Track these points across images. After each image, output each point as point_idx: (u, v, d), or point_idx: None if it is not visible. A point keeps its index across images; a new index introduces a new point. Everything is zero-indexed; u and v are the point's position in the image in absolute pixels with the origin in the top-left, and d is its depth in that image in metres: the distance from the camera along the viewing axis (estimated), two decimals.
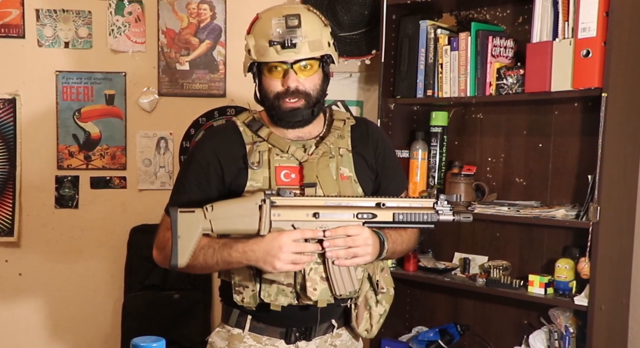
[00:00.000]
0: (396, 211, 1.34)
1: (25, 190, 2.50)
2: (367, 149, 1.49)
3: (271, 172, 1.39)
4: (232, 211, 1.31)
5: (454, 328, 2.21)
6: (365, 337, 1.52)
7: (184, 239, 1.29)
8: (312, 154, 1.41)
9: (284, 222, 1.32)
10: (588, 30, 1.82)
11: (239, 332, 1.46)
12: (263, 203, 1.30)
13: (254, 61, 1.40)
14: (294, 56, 1.36)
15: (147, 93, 2.54)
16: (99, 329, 2.56)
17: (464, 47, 2.12)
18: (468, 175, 2.18)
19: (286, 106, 1.39)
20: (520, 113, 2.17)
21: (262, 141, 1.42)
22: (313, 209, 1.32)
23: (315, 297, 1.36)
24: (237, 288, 1.40)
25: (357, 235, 1.32)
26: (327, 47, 1.40)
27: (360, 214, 1.33)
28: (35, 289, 2.53)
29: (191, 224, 1.30)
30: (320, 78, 1.41)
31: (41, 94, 2.49)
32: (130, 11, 2.50)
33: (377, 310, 1.48)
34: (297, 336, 1.45)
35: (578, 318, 1.95)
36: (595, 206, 1.81)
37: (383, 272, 1.49)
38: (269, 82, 1.40)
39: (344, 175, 1.44)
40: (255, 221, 1.30)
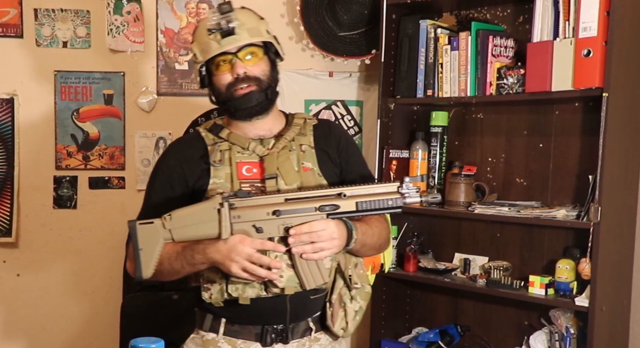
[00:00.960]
0: (359, 200, 1.32)
1: (24, 190, 2.48)
2: (330, 146, 1.50)
3: (233, 168, 1.41)
4: (191, 219, 1.30)
5: (454, 329, 2.21)
6: (342, 336, 1.49)
7: (147, 251, 1.30)
8: (272, 149, 1.43)
9: (245, 223, 1.31)
10: (589, 29, 1.82)
11: (214, 337, 1.44)
12: (221, 206, 1.30)
13: (202, 64, 1.43)
14: (234, 43, 1.39)
15: (145, 93, 2.53)
16: (97, 330, 2.55)
17: (464, 47, 2.11)
18: (468, 175, 2.18)
19: (239, 93, 1.41)
20: (521, 113, 2.17)
21: (223, 141, 1.45)
22: (273, 207, 1.31)
23: (282, 284, 1.35)
24: (205, 285, 1.39)
25: (322, 230, 1.31)
26: (267, 35, 1.43)
27: (322, 207, 1.32)
28: (34, 290, 2.52)
29: (151, 235, 1.30)
30: (267, 65, 1.44)
31: (39, 94, 2.48)
32: (129, 11, 2.49)
33: (352, 307, 1.46)
34: (273, 338, 1.42)
35: (579, 319, 1.95)
36: (596, 206, 1.80)
37: (357, 268, 1.48)
38: (219, 78, 1.43)
39: (307, 167, 1.44)
40: (215, 226, 1.30)
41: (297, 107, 2.50)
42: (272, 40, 1.44)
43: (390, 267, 2.24)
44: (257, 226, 1.31)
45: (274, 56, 1.46)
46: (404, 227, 2.33)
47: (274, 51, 1.46)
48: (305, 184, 1.41)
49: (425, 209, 2.25)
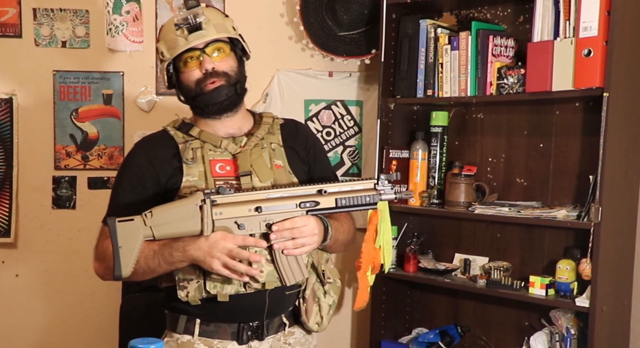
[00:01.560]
0: (338, 196, 1.35)
1: (22, 191, 2.48)
2: (298, 144, 1.52)
3: (206, 166, 1.40)
4: (172, 216, 1.30)
5: (454, 329, 2.21)
6: (317, 330, 1.51)
7: (126, 249, 1.28)
8: (245, 146, 1.44)
9: (227, 220, 1.31)
10: (589, 29, 1.82)
11: (189, 339, 1.43)
12: (203, 203, 1.30)
13: (170, 62, 1.43)
14: (202, 38, 1.40)
15: (145, 93, 2.52)
16: (96, 331, 2.55)
17: (464, 47, 2.11)
18: (468, 175, 2.17)
19: (208, 88, 1.42)
20: (521, 113, 2.16)
21: (194, 139, 1.44)
22: (255, 204, 1.32)
23: (262, 279, 1.36)
24: (182, 283, 1.38)
25: (303, 226, 1.34)
26: (233, 31, 1.46)
27: (302, 204, 1.34)
28: (32, 290, 2.51)
29: (131, 232, 1.28)
30: (234, 61, 1.45)
31: (38, 94, 2.47)
32: (128, 10, 2.48)
33: (326, 301, 1.48)
34: (249, 335, 1.43)
35: (579, 319, 1.94)
36: (596, 206, 1.80)
37: (328, 263, 1.50)
38: (187, 75, 1.43)
39: (278, 165, 1.46)
40: (197, 223, 1.30)
41: (297, 107, 2.49)
42: (238, 37, 1.46)
43: (390, 267, 2.23)
44: (239, 222, 1.32)
45: (240, 53, 1.47)
46: (404, 227, 2.33)
47: (241, 48, 1.47)
48: (278, 181, 1.43)
49: (426, 210, 2.24)
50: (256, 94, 2.50)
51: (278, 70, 2.49)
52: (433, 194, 2.24)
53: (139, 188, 1.43)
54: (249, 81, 1.50)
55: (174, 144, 1.44)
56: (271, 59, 2.48)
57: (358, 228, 2.37)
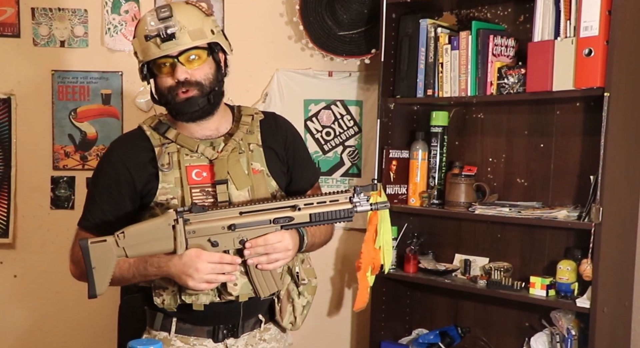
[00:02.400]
0: (312, 211, 1.34)
1: (21, 191, 2.47)
2: (277, 142, 1.49)
3: (182, 172, 1.39)
4: (145, 236, 1.29)
5: (454, 330, 2.20)
6: (291, 329, 1.52)
7: (100, 269, 1.29)
8: (222, 152, 1.41)
9: (200, 238, 1.31)
10: (590, 29, 1.81)
11: (166, 336, 1.45)
12: (176, 222, 1.29)
13: (142, 62, 1.40)
14: (175, 48, 1.35)
15: (143, 92, 2.51)
16: (95, 331, 2.54)
17: (464, 46, 2.10)
18: (469, 176, 2.16)
19: (180, 98, 1.38)
20: (522, 113, 2.15)
21: (171, 142, 1.41)
22: (228, 221, 1.31)
23: (236, 292, 1.37)
24: (157, 290, 1.39)
25: (277, 242, 1.33)
26: (212, 35, 1.39)
27: (276, 220, 1.33)
28: (31, 291, 2.50)
29: (104, 253, 1.29)
30: (211, 67, 1.40)
31: (37, 94, 2.47)
32: (127, 9, 2.48)
33: (300, 302, 1.49)
34: (225, 333, 1.44)
35: (580, 320, 1.93)
36: (597, 207, 1.79)
37: (304, 264, 1.50)
38: (161, 80, 1.40)
39: (256, 169, 1.44)
40: (170, 243, 1.29)
41: (297, 107, 2.49)
42: (217, 39, 1.40)
43: (390, 268, 2.23)
44: (212, 240, 1.31)
45: (218, 57, 1.42)
46: (404, 228, 2.32)
47: (220, 49, 1.42)
48: (256, 187, 1.41)
49: (426, 210, 2.23)
50: (256, 94, 2.49)
51: (277, 70, 2.48)
52: (433, 194, 2.23)
53: (115, 193, 1.41)
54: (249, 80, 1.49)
55: (150, 147, 1.41)
56: (271, 58, 2.48)
57: (358, 228, 2.38)
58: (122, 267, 1.34)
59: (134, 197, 1.41)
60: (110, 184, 1.41)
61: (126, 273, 1.35)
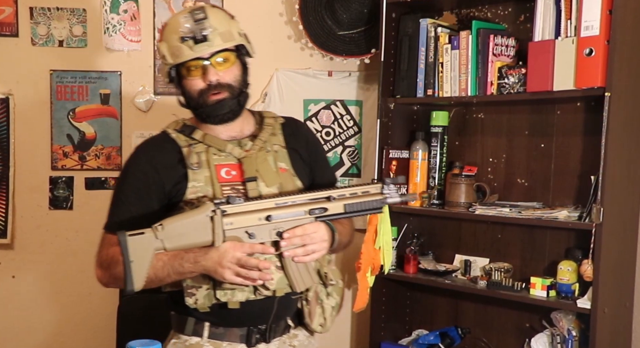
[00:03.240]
0: (347, 202, 1.35)
1: (19, 191, 2.46)
2: (300, 144, 1.51)
3: (212, 171, 1.39)
4: (183, 227, 1.29)
5: (454, 331, 2.19)
6: (320, 331, 1.51)
7: (137, 263, 1.27)
8: (250, 150, 1.42)
9: (238, 229, 1.31)
10: (591, 28, 1.81)
11: (198, 341, 1.43)
12: (214, 213, 1.29)
13: (172, 65, 1.40)
14: (207, 49, 1.37)
15: (142, 92, 2.51)
16: (94, 332, 2.53)
17: (464, 46, 2.09)
18: (469, 176, 2.16)
19: (211, 100, 1.40)
20: (522, 113, 2.15)
21: (198, 142, 1.42)
22: (265, 212, 1.32)
23: (272, 286, 1.36)
24: (190, 290, 1.37)
25: (314, 232, 1.34)
26: (239, 38, 1.42)
27: (312, 210, 1.34)
28: (29, 292, 2.50)
29: (142, 246, 1.27)
30: (239, 69, 1.43)
31: (35, 94, 2.46)
32: (126, 9, 2.47)
33: (329, 303, 1.48)
34: (257, 338, 1.43)
35: (581, 321, 1.93)
36: (598, 207, 1.79)
37: (330, 264, 1.50)
38: (190, 83, 1.41)
39: (283, 168, 1.45)
40: (208, 234, 1.29)
41: (296, 107, 2.48)
42: (243, 41, 1.43)
43: (390, 269, 2.22)
44: (249, 232, 1.32)
45: (245, 59, 1.45)
46: (404, 228, 2.31)
47: (246, 52, 1.44)
48: (284, 185, 1.42)
49: (426, 210, 2.23)
50: (255, 94, 2.48)
51: (277, 70, 2.47)
52: (433, 194, 2.23)
53: (143, 194, 1.40)
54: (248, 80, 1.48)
55: (177, 149, 1.41)
56: (270, 58, 2.47)
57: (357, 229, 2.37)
58: (156, 266, 1.31)
59: (162, 198, 1.40)
60: (138, 186, 1.41)
61: (160, 272, 1.32)
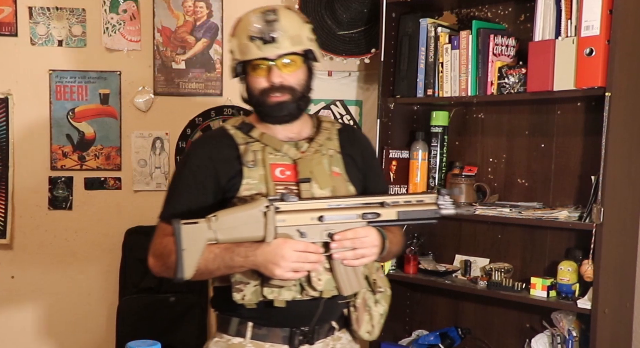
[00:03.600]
0: (400, 209, 1.35)
1: (18, 191, 2.46)
2: (355, 151, 1.52)
3: (266, 169, 1.40)
4: (236, 220, 1.30)
5: (454, 331, 2.19)
6: (368, 339, 1.51)
7: (189, 251, 1.28)
8: (305, 152, 1.43)
9: (289, 227, 1.31)
10: (591, 28, 1.80)
11: (240, 341, 1.43)
12: (267, 209, 1.29)
13: (239, 61, 1.42)
14: (275, 51, 1.38)
15: (142, 92, 2.50)
16: (93, 333, 2.53)
17: (465, 46, 2.09)
18: (469, 176, 2.16)
19: (272, 101, 1.41)
20: (522, 113, 2.14)
21: (255, 141, 1.43)
22: (318, 213, 1.32)
23: (320, 287, 1.36)
24: (237, 285, 1.37)
25: (365, 237, 1.34)
26: (308, 43, 1.43)
27: (364, 215, 1.34)
28: (28, 292, 2.49)
29: (195, 236, 1.28)
30: (304, 74, 1.44)
31: (34, 94, 2.45)
32: (125, 9, 2.46)
33: (377, 310, 1.48)
34: (300, 340, 1.43)
35: (581, 321, 1.93)
36: (598, 207, 1.78)
37: (378, 272, 1.50)
38: (254, 80, 1.42)
39: (337, 172, 1.46)
40: (260, 229, 1.30)
41: None
42: (312, 47, 1.44)
43: (390, 269, 2.22)
44: (301, 230, 1.32)
45: (312, 64, 1.46)
46: (404, 228, 2.30)
47: (313, 58, 1.46)
48: (337, 188, 1.43)
49: None
50: None
51: None
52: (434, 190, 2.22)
53: (199, 186, 1.42)
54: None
55: (234, 145, 1.43)
56: None
57: None
58: (207, 258, 1.32)
59: (217, 191, 1.42)
60: (195, 177, 1.42)
61: (211, 264, 1.33)
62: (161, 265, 1.40)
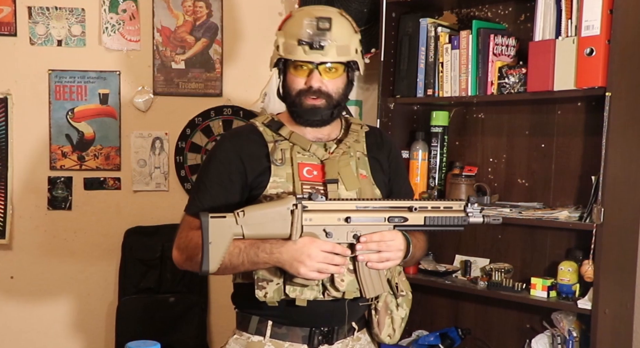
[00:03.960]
0: (428, 215, 1.35)
1: (18, 191, 2.45)
2: (382, 154, 1.52)
3: (294, 168, 1.40)
4: (264, 217, 1.30)
5: (454, 332, 2.18)
6: (389, 343, 1.51)
7: (215, 245, 1.28)
8: (333, 153, 1.43)
9: (316, 227, 1.32)
10: (592, 28, 1.80)
11: (260, 339, 1.43)
12: (295, 207, 1.30)
13: (281, 58, 1.42)
14: (320, 58, 1.39)
15: (141, 92, 2.50)
16: (92, 333, 2.52)
17: (465, 46, 2.09)
18: (469, 176, 2.15)
19: (307, 103, 1.41)
20: (523, 113, 2.14)
21: (284, 139, 1.44)
22: (345, 214, 1.33)
23: (343, 288, 1.36)
24: (260, 283, 1.37)
25: (391, 240, 1.34)
26: (355, 54, 1.43)
27: (391, 218, 1.34)
28: (27, 292, 2.49)
29: (222, 230, 1.29)
30: (343, 82, 1.44)
31: (33, 94, 2.45)
32: (125, 9, 2.46)
33: (399, 314, 1.49)
34: (320, 340, 1.43)
35: (581, 322, 1.92)
36: (599, 207, 1.78)
37: (400, 275, 1.50)
38: (293, 79, 1.43)
39: (363, 175, 1.46)
40: (287, 226, 1.30)
41: None
42: (357, 58, 1.44)
43: None
44: (327, 230, 1.33)
45: (353, 75, 1.46)
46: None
47: (357, 68, 1.45)
48: (363, 191, 1.43)
49: None
50: (255, 93, 2.47)
51: None
52: (433, 195, 2.22)
53: (226, 181, 1.42)
54: (247, 80, 1.49)
55: (263, 143, 1.43)
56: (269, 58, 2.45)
57: None
58: (232, 252, 1.32)
59: (244, 187, 1.42)
60: (222, 172, 1.42)
61: (236, 259, 1.32)
62: (185, 258, 1.40)
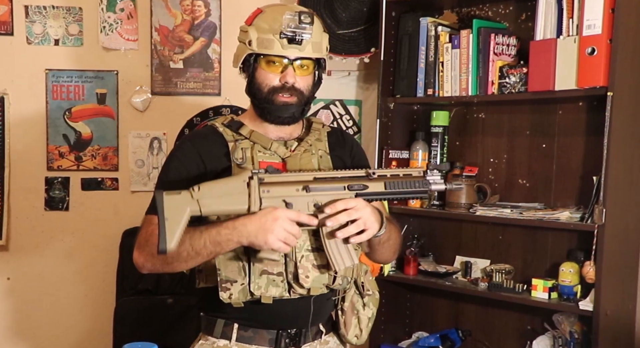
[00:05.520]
0: (387, 181, 1.33)
1: (14, 192, 2.44)
2: (344, 152, 1.52)
3: (255, 167, 1.39)
4: (219, 190, 1.29)
5: (455, 333, 2.18)
6: (356, 343, 1.49)
7: (172, 221, 1.26)
8: (295, 151, 1.43)
9: (274, 198, 1.30)
10: (593, 27, 1.79)
11: (226, 343, 1.41)
12: (250, 179, 1.29)
13: (253, 53, 1.40)
14: (297, 53, 1.38)
15: (139, 92, 2.48)
16: (90, 335, 2.51)
17: (465, 45, 2.08)
18: (469, 176, 2.15)
19: (280, 100, 1.40)
20: (523, 113, 2.14)
21: (244, 138, 1.43)
22: (303, 184, 1.31)
23: (308, 285, 1.35)
24: (224, 284, 1.35)
25: (355, 207, 1.29)
26: (324, 52, 1.44)
27: (351, 186, 1.32)
28: (24, 294, 2.47)
29: (178, 206, 1.27)
30: (312, 80, 1.44)
31: (30, 93, 2.44)
32: (122, 8, 2.45)
33: (365, 314, 1.47)
34: (287, 343, 1.41)
35: (583, 323, 1.92)
36: (600, 208, 1.77)
37: (367, 275, 1.49)
38: (265, 75, 1.41)
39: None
40: (244, 199, 1.28)
41: None
42: (325, 57, 1.45)
43: (390, 270, 2.21)
44: (287, 201, 1.30)
45: (320, 73, 1.46)
46: (404, 229, 2.29)
47: (324, 67, 1.46)
48: None
49: (426, 211, 2.21)
50: None
51: None
52: (433, 195, 2.21)
53: (184, 174, 1.41)
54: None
55: (223, 142, 1.42)
56: None
57: None
58: (193, 236, 1.30)
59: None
60: (182, 171, 1.41)
61: (197, 242, 1.30)
62: (145, 253, 1.37)
